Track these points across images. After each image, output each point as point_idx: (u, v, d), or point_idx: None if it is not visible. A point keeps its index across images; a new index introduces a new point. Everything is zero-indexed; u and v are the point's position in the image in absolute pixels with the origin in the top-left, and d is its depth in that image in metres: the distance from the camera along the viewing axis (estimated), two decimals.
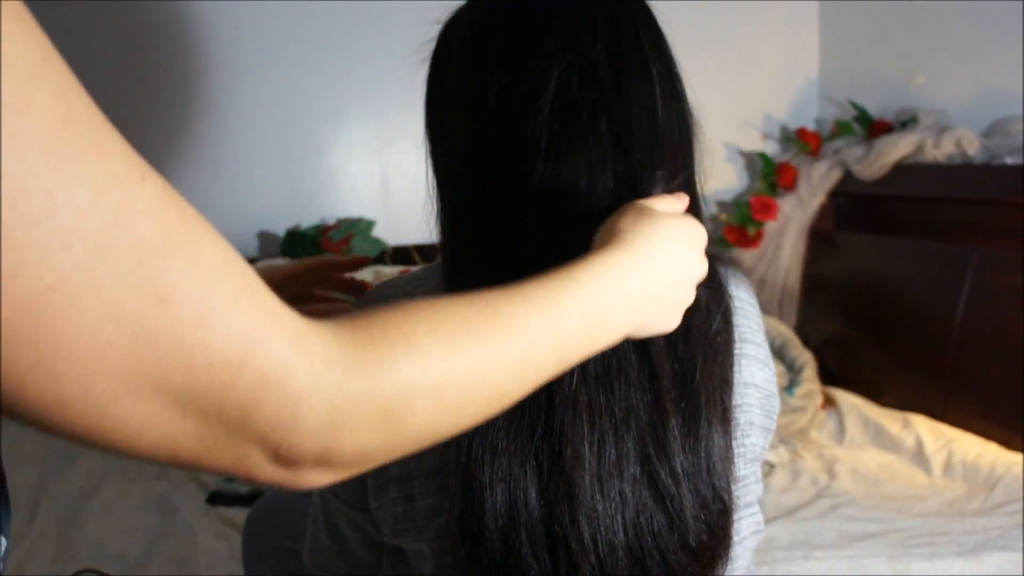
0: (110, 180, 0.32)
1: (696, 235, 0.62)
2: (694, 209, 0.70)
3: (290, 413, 0.37)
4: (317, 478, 0.41)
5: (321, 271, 0.91)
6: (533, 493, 0.61)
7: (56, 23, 2.12)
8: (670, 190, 0.67)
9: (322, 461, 0.40)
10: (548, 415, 0.61)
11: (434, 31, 0.74)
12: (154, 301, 0.32)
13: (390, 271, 2.25)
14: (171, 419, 0.35)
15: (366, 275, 2.21)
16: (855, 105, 2.46)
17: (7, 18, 0.29)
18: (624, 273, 0.55)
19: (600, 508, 0.61)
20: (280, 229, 2.34)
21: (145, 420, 0.34)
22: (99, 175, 0.31)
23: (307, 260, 0.87)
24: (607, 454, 0.62)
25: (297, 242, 2.26)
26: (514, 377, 0.47)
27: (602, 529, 0.61)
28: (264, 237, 2.37)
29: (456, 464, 0.63)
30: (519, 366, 0.47)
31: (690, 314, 0.65)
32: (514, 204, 0.65)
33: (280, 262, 2.23)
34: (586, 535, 0.61)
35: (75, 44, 2.21)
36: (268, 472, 0.39)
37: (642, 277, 0.56)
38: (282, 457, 0.38)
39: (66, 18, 2.14)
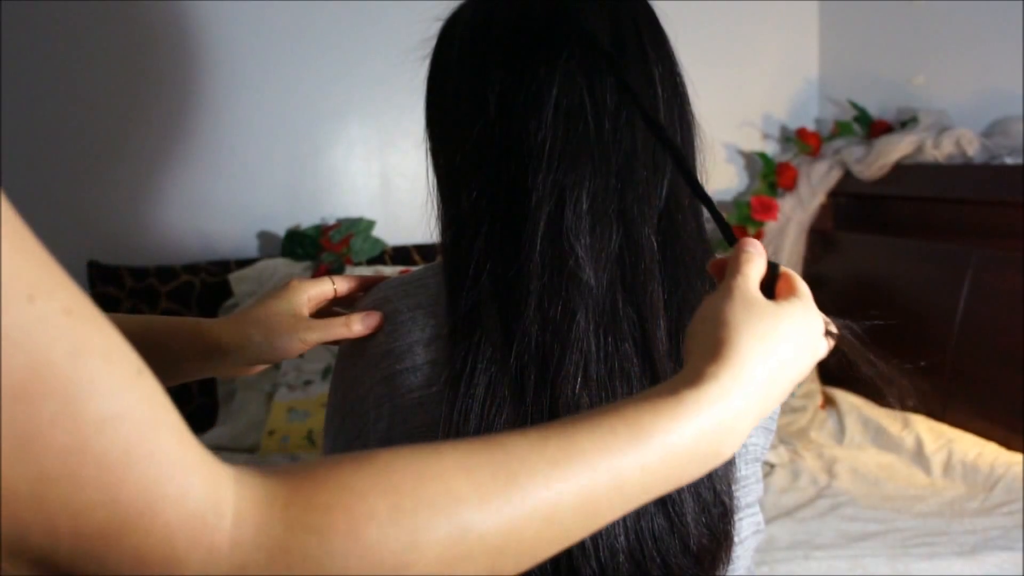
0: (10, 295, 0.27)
1: (813, 325, 0.55)
2: (694, 210, 0.70)
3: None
4: None
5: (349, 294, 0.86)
6: None
7: (56, 23, 2.13)
8: (672, 192, 0.67)
9: None
10: (550, 419, 0.61)
11: (434, 28, 0.74)
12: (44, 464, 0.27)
13: (390, 271, 2.25)
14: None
15: (366, 274, 2.21)
16: (855, 105, 2.46)
17: None
18: (740, 412, 0.46)
19: None
20: (280, 229, 2.34)
21: None
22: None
23: (338, 280, 0.82)
24: None
25: (297, 242, 2.26)
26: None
27: (602, 533, 0.61)
28: (264, 237, 2.37)
29: None
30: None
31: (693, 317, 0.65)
32: (515, 204, 0.65)
33: (280, 262, 2.23)
34: (587, 539, 0.61)
35: (75, 44, 2.22)
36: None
37: (758, 404, 0.48)
38: None
39: (66, 18, 2.14)
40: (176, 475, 0.30)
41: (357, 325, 0.73)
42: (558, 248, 0.64)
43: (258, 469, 0.33)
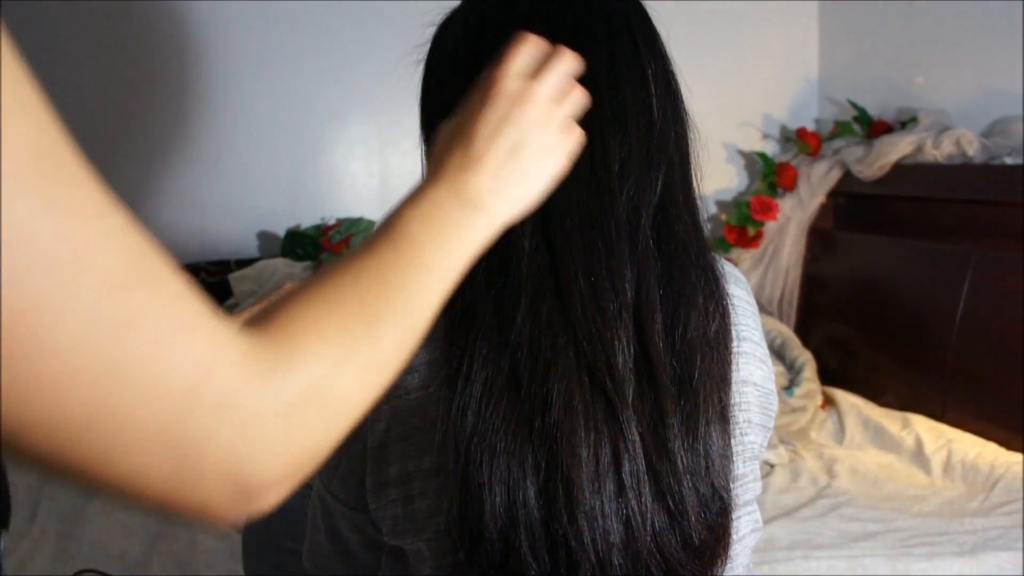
0: (79, 213, 0.33)
1: (534, 118, 0.56)
2: (689, 206, 0.70)
3: (249, 432, 0.38)
4: (276, 496, 0.41)
5: None
6: (532, 493, 0.61)
7: (56, 23, 2.13)
8: (667, 188, 0.68)
9: (282, 475, 0.40)
10: (544, 415, 0.61)
11: (429, 33, 0.74)
12: (120, 329, 0.33)
13: None
14: (137, 450, 0.35)
15: None
16: (855, 105, 2.46)
17: None
18: (481, 241, 0.55)
19: (599, 507, 0.61)
20: (280, 229, 2.34)
21: (113, 451, 0.34)
22: (68, 208, 0.33)
23: None
24: (606, 453, 0.62)
25: (297, 242, 2.26)
26: (409, 326, 0.50)
27: (601, 528, 0.61)
28: (264, 237, 2.37)
29: (455, 465, 0.63)
30: (412, 315, 0.50)
31: (688, 313, 0.66)
32: None
33: (280, 262, 2.23)
34: (586, 535, 0.61)
35: (75, 44, 2.22)
36: (233, 509, 0.39)
37: (497, 197, 0.55)
38: (247, 486, 0.38)
39: (66, 19, 2.14)
40: (224, 331, 0.38)
41: None
42: (551, 242, 0.64)
43: (247, 330, 0.41)
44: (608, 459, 0.62)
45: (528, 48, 0.58)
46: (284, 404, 0.40)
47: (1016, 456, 1.81)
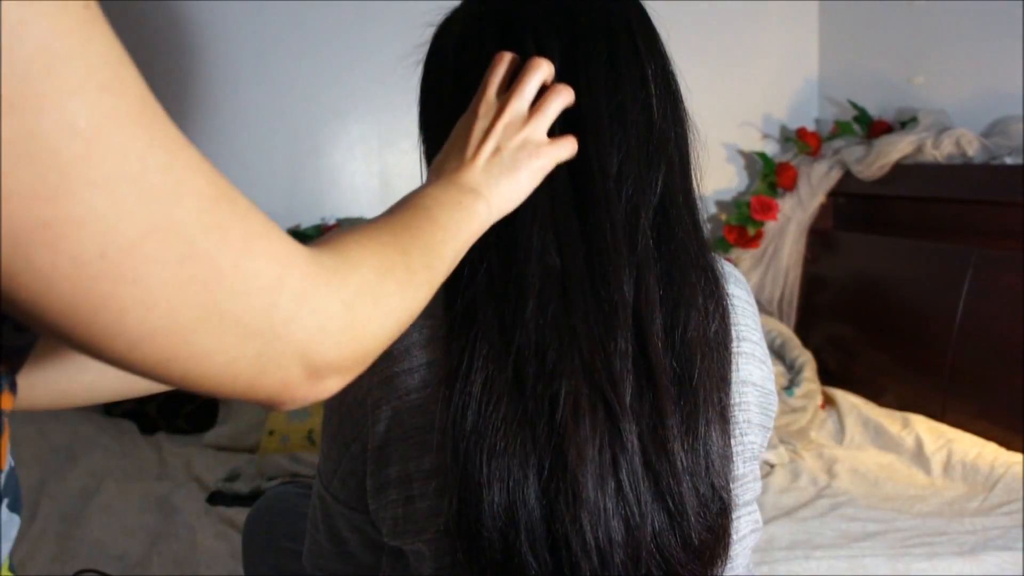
0: (177, 146, 0.38)
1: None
2: (689, 206, 0.70)
3: (321, 320, 0.44)
4: (338, 382, 0.48)
5: None
6: (532, 493, 0.61)
7: None
8: (666, 188, 0.68)
9: (344, 361, 0.47)
10: (550, 416, 0.61)
11: (428, 33, 0.74)
12: (218, 239, 0.39)
13: None
14: (235, 342, 0.41)
15: None
16: (855, 105, 2.46)
17: (98, 23, 0.36)
18: (482, 220, 0.64)
19: (601, 507, 0.61)
20: None
21: (215, 345, 0.40)
22: (171, 143, 0.38)
23: None
24: (607, 453, 0.62)
25: None
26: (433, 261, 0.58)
27: (604, 528, 0.61)
28: None
29: (453, 463, 0.63)
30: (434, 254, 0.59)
31: (688, 313, 0.66)
32: None
33: None
34: (588, 534, 0.61)
35: None
36: (304, 388, 0.45)
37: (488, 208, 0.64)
38: (317, 368, 0.45)
39: None
40: (289, 238, 0.45)
41: None
42: (550, 242, 0.64)
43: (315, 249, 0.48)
44: (609, 459, 0.62)
45: (501, 66, 0.67)
46: (346, 297, 0.46)
47: (1016, 456, 1.81)
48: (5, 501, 0.49)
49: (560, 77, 0.66)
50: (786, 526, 1.62)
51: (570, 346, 0.62)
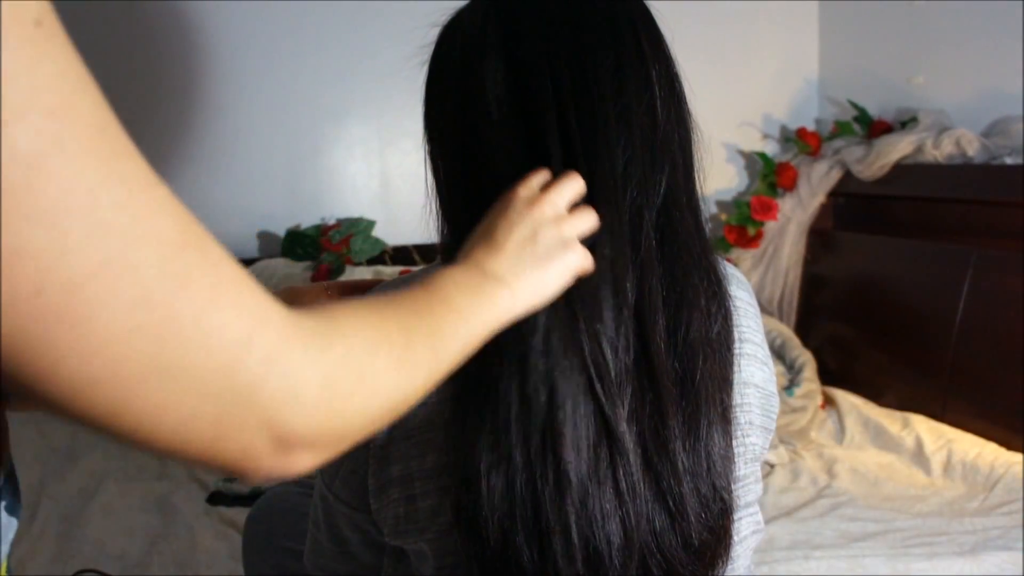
0: (139, 182, 0.36)
1: (546, 236, 0.62)
2: (692, 207, 0.70)
3: (292, 387, 0.40)
4: (310, 459, 0.43)
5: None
6: (528, 489, 0.61)
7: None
8: (670, 189, 0.67)
9: (317, 437, 0.43)
10: (548, 413, 0.61)
11: (433, 34, 0.74)
12: (178, 287, 0.36)
13: (390, 271, 2.25)
14: (189, 401, 0.37)
15: (366, 275, 2.21)
16: (855, 105, 2.46)
17: (53, 43, 0.35)
18: (503, 310, 0.59)
19: (596, 506, 0.61)
20: (280, 229, 2.34)
21: (166, 402, 0.37)
22: (131, 178, 0.35)
23: (331, 287, 0.88)
24: (603, 452, 0.62)
25: (297, 242, 2.26)
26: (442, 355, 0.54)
27: (600, 527, 0.61)
28: (264, 237, 2.37)
29: (455, 454, 0.63)
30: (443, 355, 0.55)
31: (691, 314, 0.65)
32: None
33: (280, 262, 2.23)
34: (573, 533, 0.61)
35: (75, 45, 2.21)
36: (270, 461, 0.41)
37: (518, 299, 0.60)
38: (284, 439, 0.41)
39: (66, 19, 2.14)
40: (266, 293, 0.41)
41: None
42: None
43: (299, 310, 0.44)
44: (606, 459, 0.62)
45: (538, 176, 0.65)
46: (325, 368, 0.43)
47: (1016, 456, 1.81)
48: (3, 504, 0.49)
49: (565, 78, 0.66)
50: (786, 526, 1.62)
51: (572, 345, 0.62)
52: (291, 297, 0.82)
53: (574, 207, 0.65)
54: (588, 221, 0.64)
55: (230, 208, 2.32)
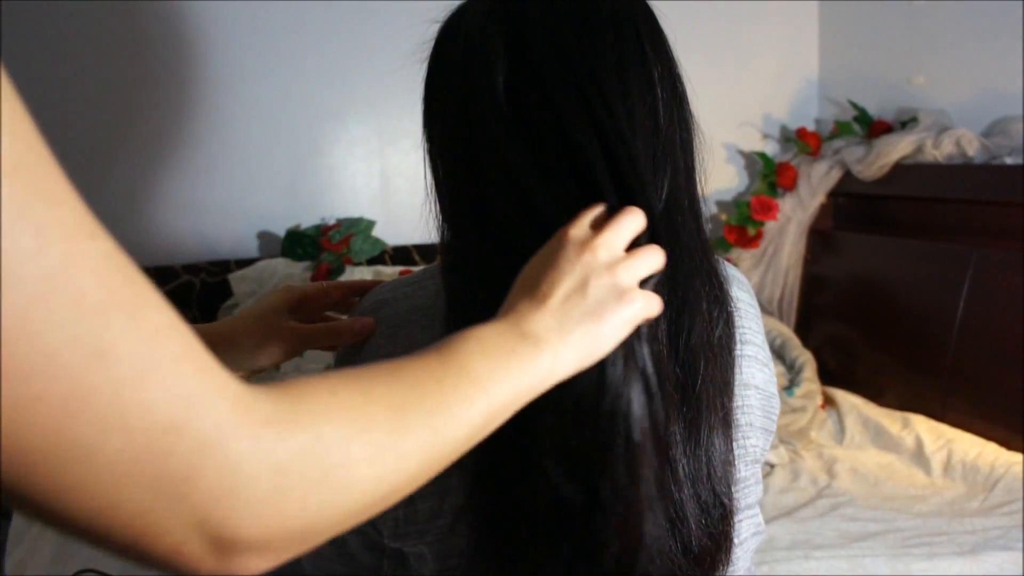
0: (56, 232, 0.31)
1: (621, 311, 0.55)
2: (693, 210, 0.70)
3: (232, 482, 0.35)
4: (260, 563, 0.38)
5: (342, 298, 0.87)
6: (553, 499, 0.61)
7: (56, 24, 2.13)
8: (671, 192, 0.67)
9: (266, 538, 0.37)
10: (556, 418, 0.61)
11: (432, 31, 0.74)
12: (92, 356, 0.32)
13: (390, 271, 2.25)
14: (104, 488, 0.33)
15: (366, 275, 2.21)
16: (855, 105, 2.46)
17: None
18: (541, 375, 0.52)
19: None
20: (280, 229, 2.33)
21: (77, 486, 0.32)
22: (45, 225, 0.31)
23: (330, 287, 0.85)
24: None
25: (297, 242, 2.26)
26: (440, 447, 0.47)
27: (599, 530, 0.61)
28: (264, 237, 2.37)
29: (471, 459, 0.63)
30: (445, 440, 0.47)
31: (692, 319, 0.65)
32: (515, 205, 0.65)
33: (280, 262, 2.23)
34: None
35: (75, 44, 2.22)
36: (208, 564, 0.36)
37: (565, 363, 0.53)
38: (223, 541, 0.36)
39: (66, 19, 2.14)
40: (217, 371, 0.37)
41: (347, 333, 0.75)
42: None
43: (256, 384, 0.40)
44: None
45: (594, 210, 0.59)
46: (279, 460, 0.37)
47: (1016, 456, 1.81)
48: None
49: (567, 80, 0.65)
50: (786, 526, 1.62)
51: None
52: (289, 297, 0.81)
53: (633, 246, 0.58)
54: (650, 262, 0.58)
55: (230, 208, 2.32)
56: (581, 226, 0.58)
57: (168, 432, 0.34)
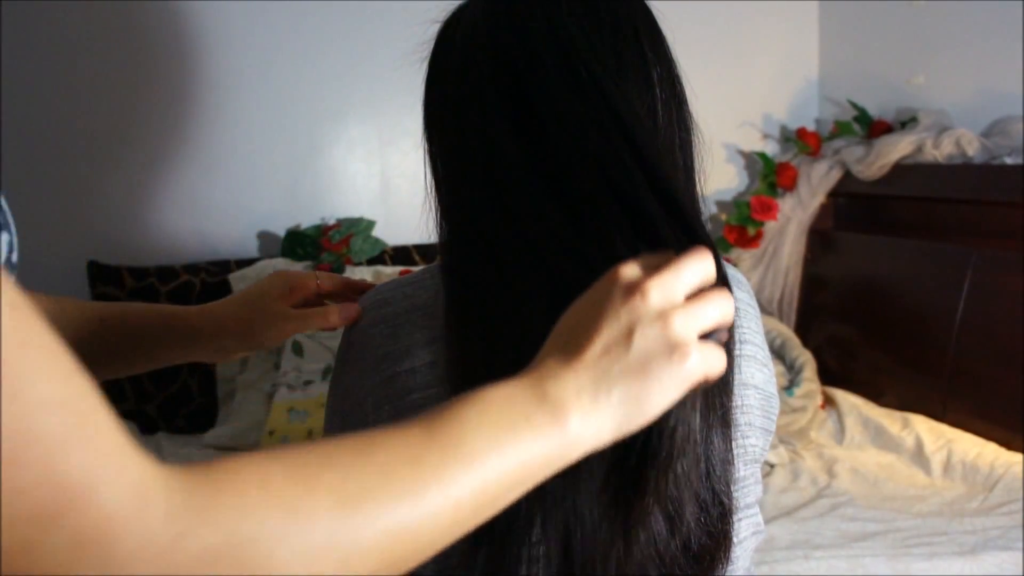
0: None
1: (682, 370, 0.47)
2: (694, 211, 0.70)
3: None
4: None
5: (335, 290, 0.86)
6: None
7: (56, 24, 2.13)
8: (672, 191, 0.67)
9: None
10: None
11: (433, 31, 0.74)
12: None
13: (390, 271, 2.25)
14: None
15: (366, 275, 2.21)
16: (855, 105, 2.46)
17: None
18: (564, 445, 0.44)
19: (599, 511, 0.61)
20: (280, 229, 2.34)
21: None
22: None
23: (322, 275, 0.84)
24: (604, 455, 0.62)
25: (297, 242, 2.26)
26: (424, 533, 0.39)
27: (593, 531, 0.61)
28: (264, 237, 2.37)
29: None
30: (428, 523, 0.39)
31: None
32: (513, 206, 0.65)
33: (280, 262, 2.23)
34: (576, 535, 0.61)
35: (76, 45, 2.22)
36: None
37: (597, 432, 0.46)
38: None
39: (66, 19, 2.14)
40: (113, 457, 0.31)
41: (334, 316, 0.75)
42: (555, 246, 0.64)
43: (179, 466, 0.35)
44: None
45: (655, 257, 0.50)
46: (177, 562, 0.32)
47: (1016, 456, 1.81)
48: None
49: (567, 80, 0.65)
50: (786, 526, 1.62)
51: None
52: (279, 282, 0.82)
53: (697, 294, 0.49)
54: (715, 310, 0.49)
55: (230, 208, 2.32)
56: (634, 265, 0.49)
57: (38, 521, 0.29)
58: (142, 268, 2.18)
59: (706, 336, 0.49)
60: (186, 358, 0.82)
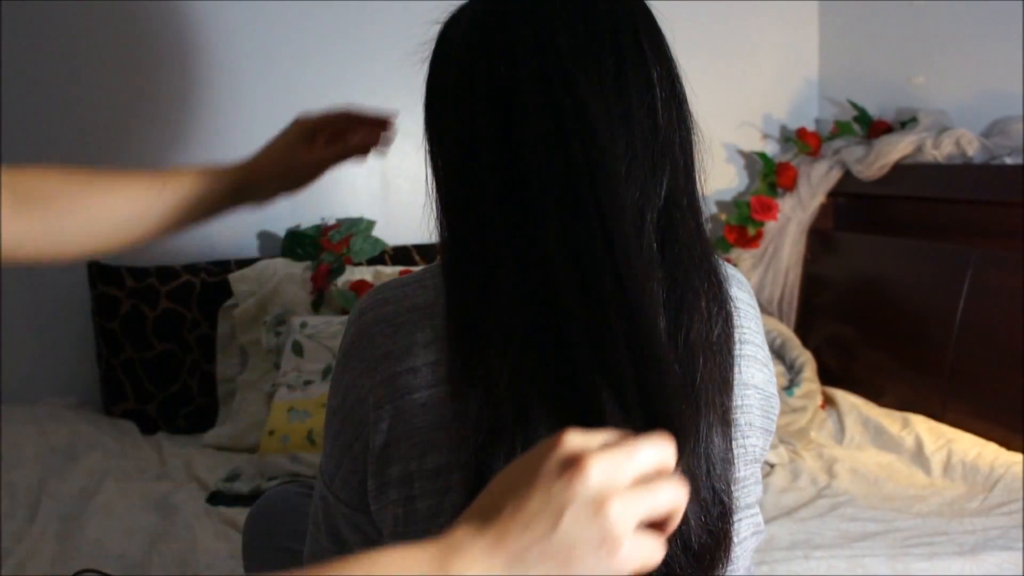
0: None
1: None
2: (693, 209, 0.70)
3: None
4: None
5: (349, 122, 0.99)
6: None
7: (56, 24, 2.13)
8: (671, 191, 0.67)
9: None
10: (549, 416, 0.61)
11: (433, 31, 0.74)
12: None
13: (390, 271, 2.25)
14: None
15: (366, 275, 2.21)
16: (855, 105, 2.46)
17: None
18: None
19: None
20: (280, 229, 2.33)
21: None
22: None
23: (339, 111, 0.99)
24: None
25: (297, 242, 2.26)
26: None
27: None
28: (264, 237, 2.37)
29: (470, 459, 0.63)
30: None
31: (691, 317, 0.65)
32: (513, 206, 0.65)
33: (280, 262, 2.23)
34: None
35: (76, 45, 2.22)
36: None
37: None
38: None
39: (66, 19, 2.14)
40: None
41: (371, 135, 0.91)
42: (555, 246, 0.64)
43: None
44: None
45: (608, 433, 0.45)
46: None
47: (1016, 456, 1.81)
48: None
49: (567, 80, 0.65)
50: (786, 526, 1.62)
51: (572, 351, 0.62)
52: (300, 128, 1.01)
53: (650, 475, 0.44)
54: (662, 499, 0.44)
55: None
56: (580, 435, 0.44)
57: None
58: (142, 268, 2.18)
59: (656, 525, 0.44)
60: (237, 207, 1.01)
